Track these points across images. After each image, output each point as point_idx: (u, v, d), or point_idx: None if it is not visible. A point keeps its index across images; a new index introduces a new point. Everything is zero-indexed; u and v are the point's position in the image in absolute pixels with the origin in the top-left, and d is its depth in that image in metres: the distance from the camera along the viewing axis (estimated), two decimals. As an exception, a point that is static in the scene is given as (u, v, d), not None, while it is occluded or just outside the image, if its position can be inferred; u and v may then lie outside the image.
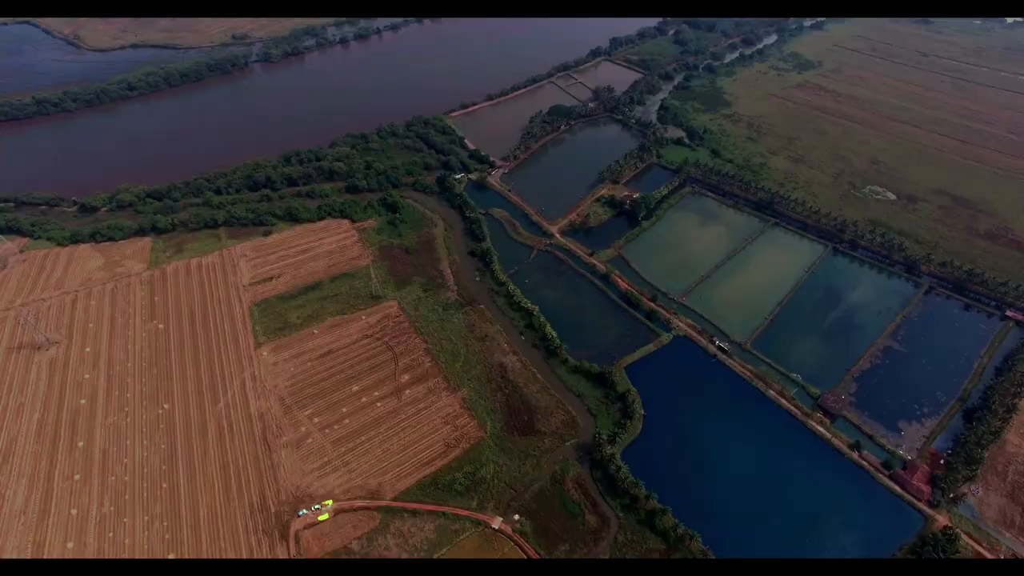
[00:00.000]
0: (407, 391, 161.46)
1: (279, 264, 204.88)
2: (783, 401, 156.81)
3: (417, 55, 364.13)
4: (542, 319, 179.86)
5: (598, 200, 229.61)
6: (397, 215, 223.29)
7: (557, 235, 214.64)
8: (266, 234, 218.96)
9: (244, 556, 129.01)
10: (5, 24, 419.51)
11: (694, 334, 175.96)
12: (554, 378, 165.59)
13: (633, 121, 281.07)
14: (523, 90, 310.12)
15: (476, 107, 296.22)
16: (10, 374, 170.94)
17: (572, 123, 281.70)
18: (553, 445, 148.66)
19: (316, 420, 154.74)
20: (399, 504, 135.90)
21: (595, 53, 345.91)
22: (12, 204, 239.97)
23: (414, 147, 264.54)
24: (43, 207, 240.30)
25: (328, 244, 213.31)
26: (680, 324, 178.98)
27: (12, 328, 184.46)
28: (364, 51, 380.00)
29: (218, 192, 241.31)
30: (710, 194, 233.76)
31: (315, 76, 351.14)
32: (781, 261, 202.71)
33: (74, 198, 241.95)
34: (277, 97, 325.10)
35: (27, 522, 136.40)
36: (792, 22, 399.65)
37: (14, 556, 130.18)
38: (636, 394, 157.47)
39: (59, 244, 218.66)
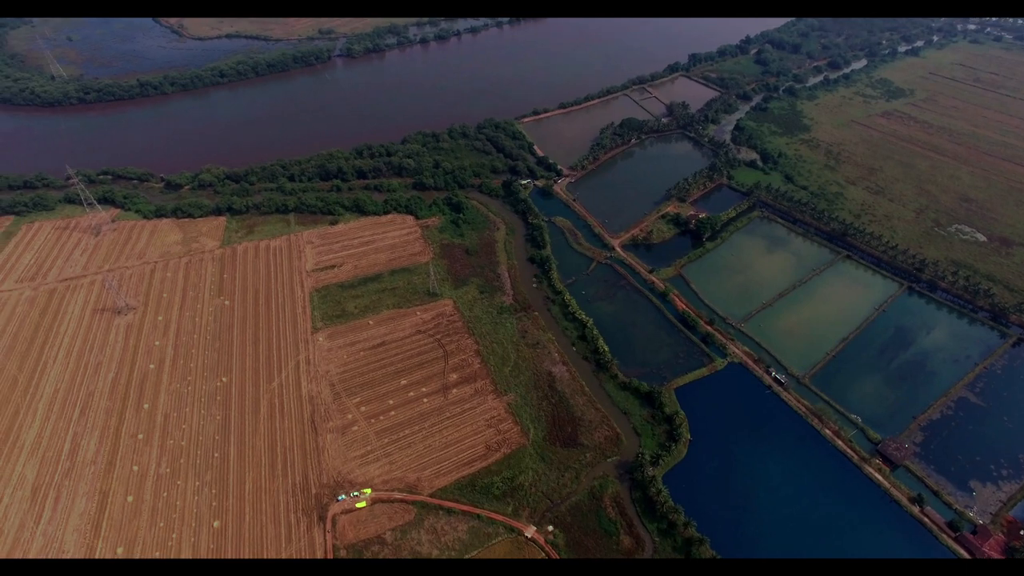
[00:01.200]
0: (454, 390, 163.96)
1: (342, 253, 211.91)
2: (839, 442, 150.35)
3: (494, 59, 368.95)
4: (595, 332, 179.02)
5: (663, 217, 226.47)
6: (461, 215, 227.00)
7: (618, 249, 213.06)
8: (333, 223, 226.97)
9: (283, 531, 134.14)
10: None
11: (750, 362, 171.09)
12: (602, 392, 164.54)
13: (706, 140, 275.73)
14: (596, 101, 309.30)
15: (548, 114, 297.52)
16: (93, 333, 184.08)
17: (643, 137, 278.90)
18: (594, 460, 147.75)
19: (363, 409, 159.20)
20: (435, 501, 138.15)
21: (673, 68, 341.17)
22: (110, 177, 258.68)
23: (483, 149, 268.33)
24: (135, 181, 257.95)
25: (391, 238, 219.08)
26: (736, 351, 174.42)
27: (99, 291, 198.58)
28: (443, 52, 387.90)
29: (291, 179, 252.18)
30: (779, 220, 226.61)
31: (393, 74, 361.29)
32: (850, 296, 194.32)
33: (162, 175, 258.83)
34: (355, 91, 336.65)
35: (96, 471, 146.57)
36: (885, 46, 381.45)
37: (83, 502, 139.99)
38: (684, 417, 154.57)
39: (145, 217, 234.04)
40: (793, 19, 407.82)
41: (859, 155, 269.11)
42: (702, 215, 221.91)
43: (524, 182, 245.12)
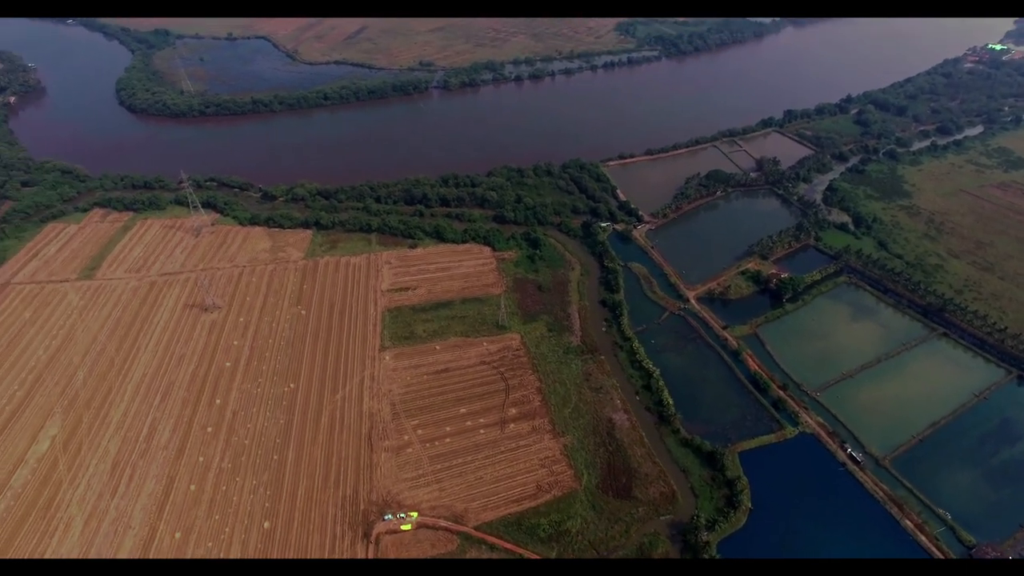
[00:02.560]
0: (511, 425, 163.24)
1: (418, 277, 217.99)
2: (922, 537, 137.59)
3: (585, 102, 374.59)
4: (661, 383, 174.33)
5: (742, 273, 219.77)
6: (537, 251, 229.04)
7: (693, 301, 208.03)
8: (412, 247, 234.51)
9: (327, 542, 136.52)
10: (246, 39, 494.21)
11: (823, 435, 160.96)
12: (662, 446, 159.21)
13: (795, 198, 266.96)
14: (684, 150, 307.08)
15: (634, 160, 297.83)
16: (181, 327, 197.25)
17: (729, 190, 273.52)
18: (646, 515, 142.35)
19: (420, 432, 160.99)
20: (480, 535, 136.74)
21: (766, 123, 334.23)
22: (215, 184, 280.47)
23: (566, 189, 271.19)
24: (236, 189, 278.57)
25: (466, 267, 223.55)
26: (809, 420, 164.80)
27: (191, 288, 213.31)
28: (536, 91, 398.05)
29: (378, 200, 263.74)
30: (868, 288, 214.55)
31: (486, 108, 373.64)
32: (945, 377, 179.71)
33: (260, 186, 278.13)
34: (447, 122, 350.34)
35: (167, 457, 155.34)
36: (1008, 113, 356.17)
37: (152, 483, 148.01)
38: (746, 484, 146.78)
39: (240, 223, 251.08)
40: (901, 81, 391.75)
41: (966, 227, 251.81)
42: (784, 275, 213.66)
43: (603, 225, 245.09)
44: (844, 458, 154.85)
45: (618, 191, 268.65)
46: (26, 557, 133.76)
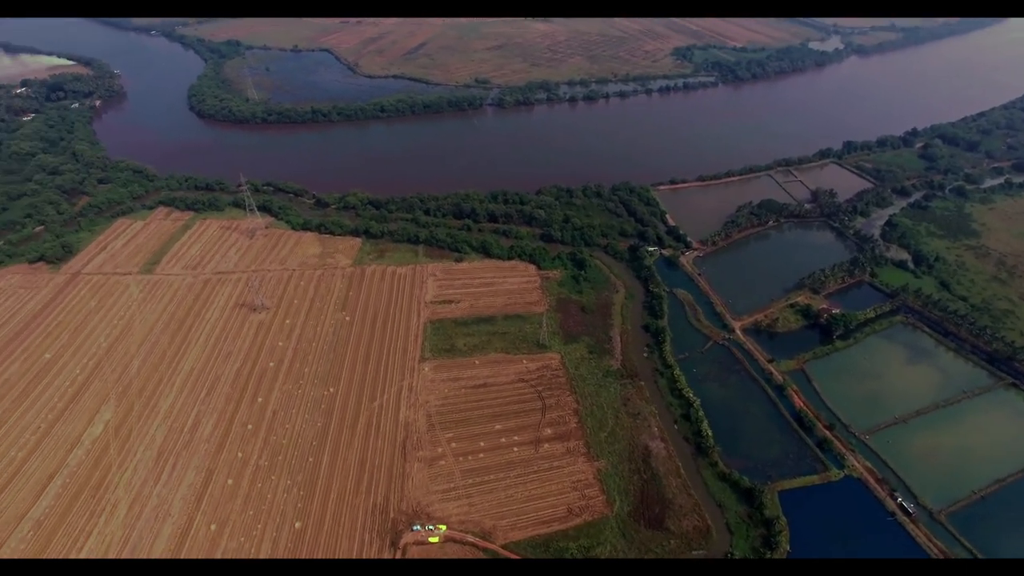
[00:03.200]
0: (546, 445, 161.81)
1: (461, 291, 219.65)
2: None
3: (638, 125, 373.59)
4: (701, 413, 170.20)
5: (791, 306, 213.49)
6: (582, 272, 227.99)
7: (738, 331, 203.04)
8: (457, 260, 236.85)
9: (355, 547, 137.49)
10: (311, 51, 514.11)
11: (871, 480, 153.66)
12: (698, 478, 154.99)
13: (851, 232, 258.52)
14: (737, 177, 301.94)
15: (685, 185, 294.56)
16: (230, 325, 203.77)
17: (781, 220, 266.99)
18: (678, 549, 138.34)
19: (454, 445, 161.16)
20: (506, 554, 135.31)
21: (823, 154, 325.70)
22: (271, 188, 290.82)
23: (614, 211, 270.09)
24: (291, 195, 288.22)
25: (510, 284, 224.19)
26: (856, 464, 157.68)
27: (242, 288, 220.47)
28: (589, 112, 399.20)
29: (427, 213, 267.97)
30: (927, 330, 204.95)
31: (538, 127, 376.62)
32: (1013, 431, 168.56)
33: (314, 192, 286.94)
34: (500, 139, 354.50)
35: (208, 450, 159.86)
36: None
37: (193, 475, 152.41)
38: (785, 525, 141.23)
39: (293, 228, 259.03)
40: (973, 115, 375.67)
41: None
42: (836, 310, 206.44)
43: (651, 249, 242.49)
44: (894, 507, 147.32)
45: (667, 216, 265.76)
46: (76, 534, 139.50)
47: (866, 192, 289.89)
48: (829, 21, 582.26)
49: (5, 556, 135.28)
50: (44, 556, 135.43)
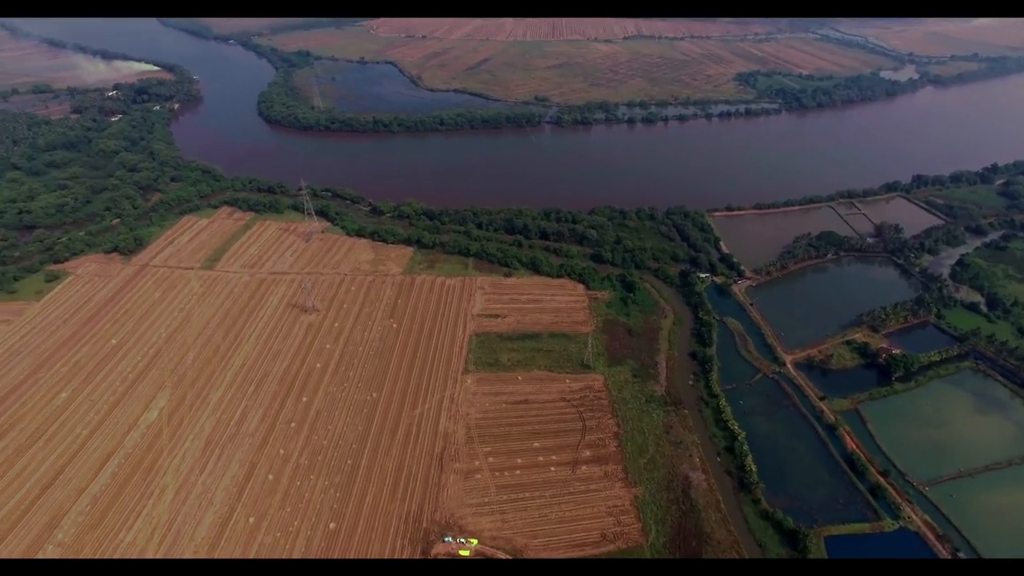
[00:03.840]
0: (584, 467, 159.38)
1: (509, 305, 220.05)
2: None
3: (696, 149, 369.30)
4: (745, 447, 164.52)
5: (847, 343, 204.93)
6: (631, 295, 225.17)
7: (789, 365, 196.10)
8: (507, 275, 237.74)
9: (387, 553, 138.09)
10: (376, 63, 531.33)
11: (930, 536, 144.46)
12: (739, 514, 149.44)
13: (917, 270, 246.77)
14: (796, 208, 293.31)
15: (741, 212, 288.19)
16: (282, 324, 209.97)
17: (841, 254, 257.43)
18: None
19: (491, 460, 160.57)
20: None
21: (891, 187, 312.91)
22: (330, 194, 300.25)
23: (667, 235, 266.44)
24: (348, 201, 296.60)
25: (558, 302, 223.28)
26: (913, 516, 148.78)
27: (295, 289, 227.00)
28: (647, 134, 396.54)
29: (479, 226, 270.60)
30: (1000, 378, 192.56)
31: (595, 147, 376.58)
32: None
33: (370, 200, 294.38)
34: (556, 157, 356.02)
35: (252, 444, 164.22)
36: None
37: (236, 467, 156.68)
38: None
39: (348, 233, 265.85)
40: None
41: None
42: (896, 351, 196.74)
43: (702, 275, 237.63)
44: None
45: (721, 243, 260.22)
46: (126, 514, 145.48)
47: (936, 229, 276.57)
48: (904, 50, 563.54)
49: (65, 526, 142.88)
50: (98, 530, 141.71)
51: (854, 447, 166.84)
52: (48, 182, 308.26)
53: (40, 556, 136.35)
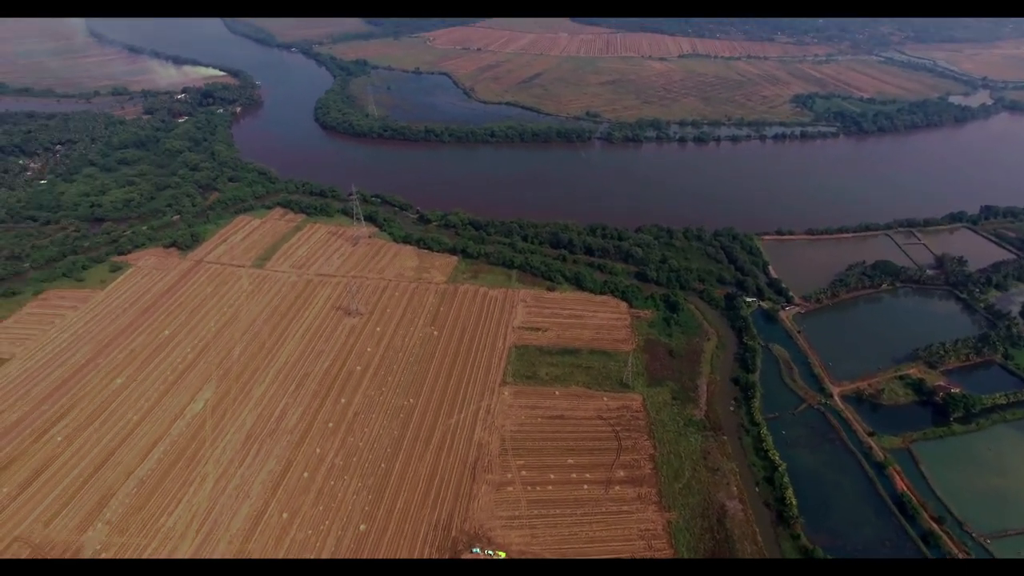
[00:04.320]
0: (617, 487, 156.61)
1: (550, 319, 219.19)
2: None
3: (748, 170, 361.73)
4: (786, 479, 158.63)
5: (900, 378, 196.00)
6: (674, 315, 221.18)
7: (836, 397, 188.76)
8: (549, 289, 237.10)
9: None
10: (431, 74, 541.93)
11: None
12: (776, 549, 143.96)
13: (981, 305, 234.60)
14: (851, 235, 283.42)
15: (792, 237, 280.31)
16: (326, 325, 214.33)
17: (897, 285, 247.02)
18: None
19: (523, 473, 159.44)
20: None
21: (955, 218, 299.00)
22: (379, 200, 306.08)
23: (714, 257, 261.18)
24: (396, 208, 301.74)
25: (599, 318, 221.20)
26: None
27: (340, 292, 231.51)
28: (698, 154, 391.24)
29: (524, 239, 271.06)
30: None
31: (645, 164, 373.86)
32: None
33: (418, 208, 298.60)
34: (605, 173, 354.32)
35: (290, 441, 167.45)
36: None
37: (273, 462, 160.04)
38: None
39: (394, 240, 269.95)
40: None
41: None
42: (955, 389, 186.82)
43: (749, 300, 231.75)
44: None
45: (770, 267, 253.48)
46: (169, 499, 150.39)
47: (1005, 263, 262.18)
48: (978, 74, 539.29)
49: (113, 506, 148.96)
50: (142, 512, 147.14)
51: (904, 488, 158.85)
52: (118, 178, 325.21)
53: (90, 533, 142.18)
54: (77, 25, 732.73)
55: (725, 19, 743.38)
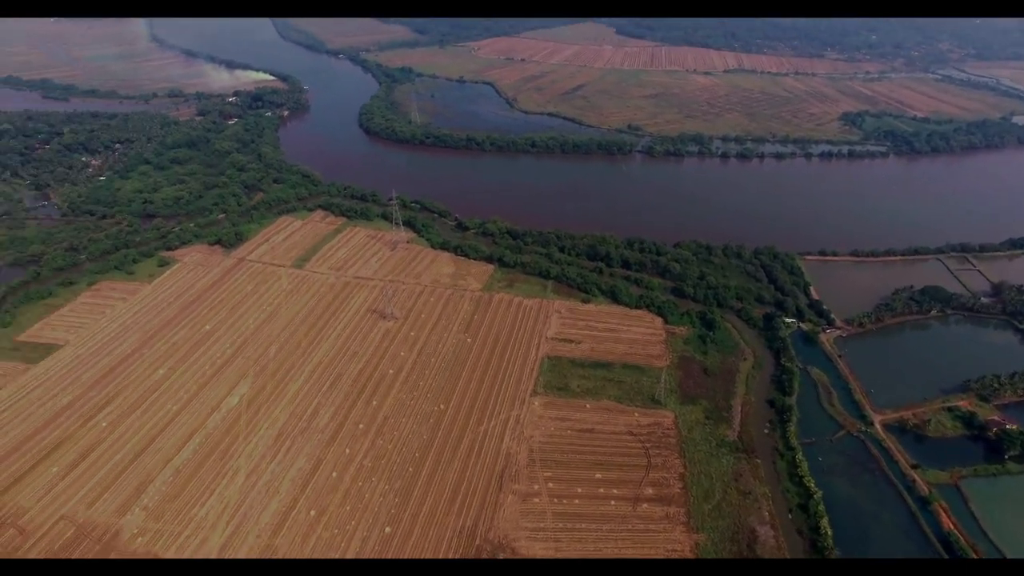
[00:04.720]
0: (645, 505, 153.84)
1: (584, 332, 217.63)
2: None
3: (792, 188, 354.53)
4: (821, 507, 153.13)
5: (948, 409, 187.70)
6: (711, 333, 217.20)
7: (877, 425, 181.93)
8: (584, 301, 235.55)
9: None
10: (474, 83, 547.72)
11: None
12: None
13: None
14: (898, 258, 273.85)
15: (836, 258, 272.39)
16: (361, 328, 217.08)
17: (948, 312, 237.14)
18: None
19: (551, 485, 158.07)
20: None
21: (1015, 243, 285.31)
22: (418, 206, 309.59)
23: (754, 275, 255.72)
24: (435, 215, 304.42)
25: (634, 333, 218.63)
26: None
27: (377, 295, 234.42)
28: (741, 170, 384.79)
29: (561, 250, 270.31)
30: None
31: (686, 179, 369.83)
32: None
33: (456, 215, 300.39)
34: (645, 187, 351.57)
35: (321, 440, 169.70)
36: None
37: (303, 460, 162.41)
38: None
39: (432, 246, 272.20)
40: None
41: None
42: (1011, 425, 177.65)
43: (788, 320, 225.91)
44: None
45: (811, 288, 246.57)
46: (202, 490, 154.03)
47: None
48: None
49: (150, 492, 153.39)
50: (177, 500, 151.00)
51: (951, 526, 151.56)
52: (170, 176, 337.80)
53: (128, 517, 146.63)
54: (140, 31, 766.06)
55: (772, 35, 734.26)
